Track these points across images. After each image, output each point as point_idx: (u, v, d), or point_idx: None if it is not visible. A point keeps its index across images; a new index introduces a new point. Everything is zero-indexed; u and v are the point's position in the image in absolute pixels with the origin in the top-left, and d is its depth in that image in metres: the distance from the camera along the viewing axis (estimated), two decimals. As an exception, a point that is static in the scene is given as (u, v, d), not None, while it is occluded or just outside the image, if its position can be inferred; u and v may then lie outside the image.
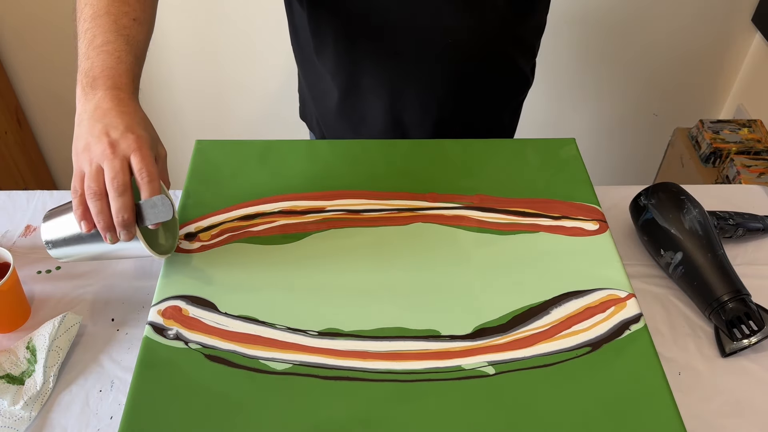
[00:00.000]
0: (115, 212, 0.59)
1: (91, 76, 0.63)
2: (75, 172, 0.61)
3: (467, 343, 0.62)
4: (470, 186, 0.78)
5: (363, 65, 0.88)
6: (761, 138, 1.55)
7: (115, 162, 0.59)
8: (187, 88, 1.75)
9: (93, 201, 0.60)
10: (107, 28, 0.65)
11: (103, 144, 0.60)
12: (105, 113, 0.61)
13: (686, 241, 0.77)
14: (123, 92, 0.63)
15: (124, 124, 0.61)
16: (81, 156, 0.61)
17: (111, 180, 0.59)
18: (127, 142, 0.60)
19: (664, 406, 0.58)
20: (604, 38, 1.64)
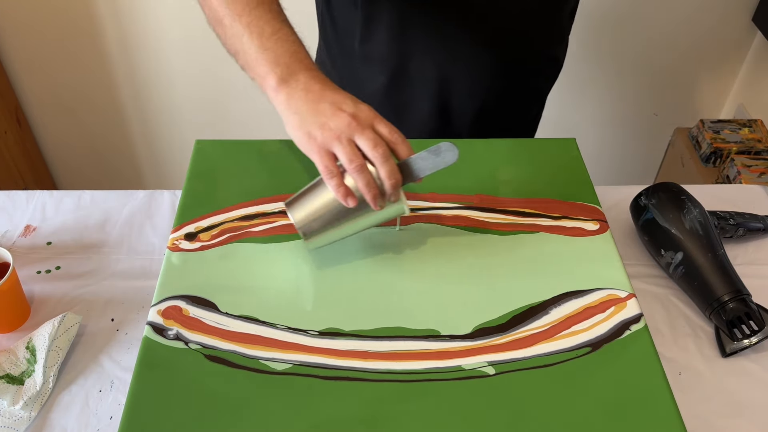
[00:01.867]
0: (387, 177, 0.61)
1: (283, 64, 0.63)
2: (320, 154, 0.61)
3: (467, 342, 0.62)
4: (470, 186, 0.78)
5: (414, 51, 0.88)
6: (762, 138, 1.55)
7: (367, 132, 0.60)
8: (187, 88, 1.75)
9: (360, 174, 0.60)
10: (269, 17, 0.66)
11: (344, 119, 0.60)
12: (321, 93, 0.62)
13: (687, 241, 0.77)
14: (319, 72, 0.65)
15: (348, 97, 0.62)
16: (322, 136, 0.61)
17: (373, 148, 0.60)
18: (364, 113, 0.61)
19: (664, 406, 0.58)
20: (604, 38, 1.64)
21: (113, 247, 0.85)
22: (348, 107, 0.61)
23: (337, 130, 0.60)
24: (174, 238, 0.72)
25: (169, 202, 0.91)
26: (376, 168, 0.61)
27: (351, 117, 0.61)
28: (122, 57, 1.68)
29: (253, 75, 0.66)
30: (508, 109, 0.98)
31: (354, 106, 0.62)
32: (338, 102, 0.62)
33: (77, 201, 0.91)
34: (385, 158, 0.61)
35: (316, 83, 0.63)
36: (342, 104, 0.62)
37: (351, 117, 0.61)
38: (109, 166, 1.94)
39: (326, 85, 0.63)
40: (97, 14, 1.60)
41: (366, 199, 0.62)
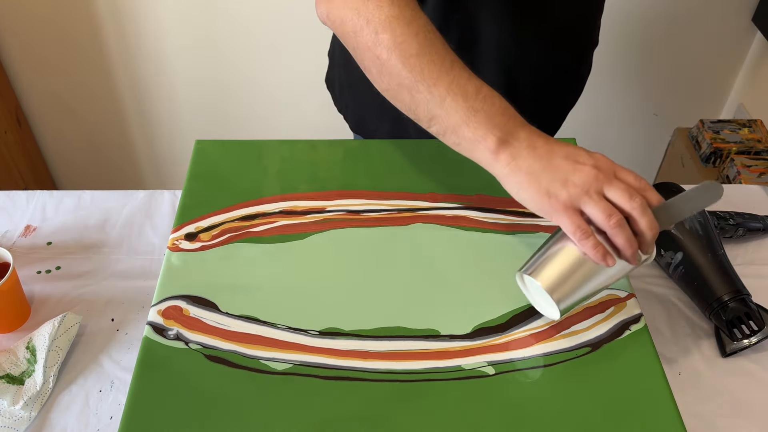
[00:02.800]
0: (648, 228, 0.56)
1: (499, 124, 0.59)
2: (566, 213, 0.56)
3: (467, 342, 0.62)
4: (470, 186, 0.78)
5: (481, 38, 0.85)
6: (761, 138, 1.55)
7: (617, 183, 0.56)
8: (187, 88, 1.75)
9: (622, 230, 0.56)
10: (468, 76, 0.61)
11: (588, 171, 0.56)
12: (549, 148, 0.58)
13: (686, 241, 0.77)
14: (533, 127, 0.61)
15: (579, 148, 0.59)
16: (569, 192, 0.56)
17: (630, 199, 0.56)
18: (605, 163, 0.58)
19: (664, 407, 0.58)
20: (604, 38, 1.64)
21: (113, 247, 0.85)
22: (586, 159, 0.57)
23: (583, 185, 0.56)
24: (174, 238, 0.72)
25: (169, 202, 0.91)
26: (635, 220, 0.56)
27: (594, 168, 0.57)
28: (122, 57, 1.69)
29: (459, 140, 0.61)
30: (557, 96, 0.99)
31: (590, 156, 0.58)
32: (573, 155, 0.58)
33: (77, 201, 0.91)
34: (643, 209, 0.56)
35: (538, 139, 0.59)
36: (578, 156, 0.58)
37: (594, 168, 0.57)
38: (109, 166, 1.94)
39: (549, 140, 0.59)
40: (97, 14, 1.60)
41: (624, 256, 0.57)
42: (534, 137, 0.59)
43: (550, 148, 0.58)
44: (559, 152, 0.58)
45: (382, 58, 0.62)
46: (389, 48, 0.62)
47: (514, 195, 0.60)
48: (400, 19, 0.62)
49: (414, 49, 0.61)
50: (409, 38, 0.61)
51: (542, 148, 0.59)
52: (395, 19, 0.62)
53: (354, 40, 0.65)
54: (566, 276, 0.59)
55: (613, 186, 0.56)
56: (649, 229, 0.56)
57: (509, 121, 0.60)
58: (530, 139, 0.59)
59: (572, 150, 0.58)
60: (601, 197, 0.56)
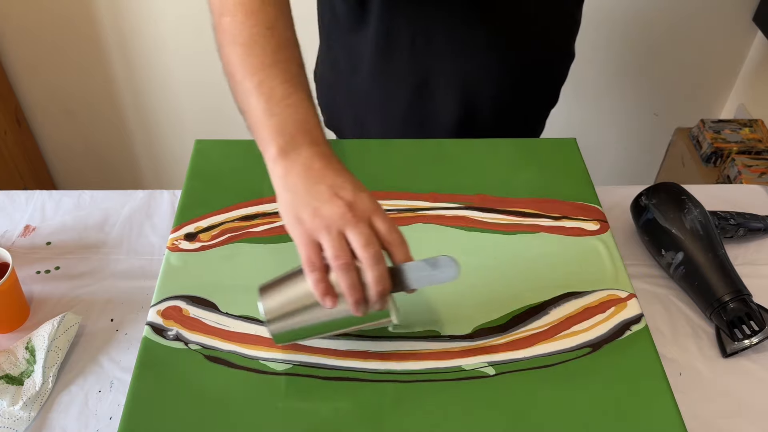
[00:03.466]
0: (373, 283, 0.53)
1: (287, 135, 0.57)
2: (303, 243, 0.54)
3: (467, 343, 0.62)
4: (470, 186, 0.78)
5: (435, 61, 0.86)
6: (762, 138, 1.55)
7: (361, 227, 0.53)
8: (187, 88, 1.75)
9: (345, 274, 0.53)
10: (282, 79, 0.59)
11: (339, 207, 0.53)
12: (322, 173, 0.55)
13: (687, 241, 0.77)
14: (326, 148, 0.58)
15: (350, 182, 0.55)
16: (310, 223, 0.54)
17: (364, 247, 0.52)
18: (363, 203, 0.54)
19: (665, 407, 0.58)
20: (604, 38, 1.64)
21: (113, 247, 0.85)
22: (346, 194, 0.54)
23: (328, 218, 0.53)
24: (174, 238, 0.72)
25: (169, 202, 0.91)
26: (364, 270, 0.53)
27: (347, 206, 0.53)
28: (122, 58, 1.68)
29: (257, 139, 0.60)
30: (526, 104, 0.97)
31: (354, 193, 0.55)
32: (337, 186, 0.55)
33: (77, 201, 0.91)
34: (374, 261, 0.52)
35: (318, 161, 0.56)
36: (341, 190, 0.54)
37: (347, 206, 0.53)
38: (108, 166, 1.94)
39: (329, 164, 0.56)
40: (96, 15, 1.60)
41: (347, 303, 0.54)
42: (315, 158, 0.56)
43: (323, 174, 0.56)
44: (328, 180, 0.55)
45: (218, 42, 0.63)
46: (224, 32, 0.62)
47: (279, 211, 0.57)
48: (245, 6, 0.61)
49: (244, 39, 0.61)
50: (245, 27, 0.61)
51: (316, 170, 0.56)
52: (241, 5, 0.61)
53: (211, 16, 0.66)
54: (287, 304, 0.57)
55: (356, 229, 0.53)
56: (375, 283, 0.53)
57: (299, 134, 0.57)
58: (309, 159, 0.56)
59: (341, 181, 0.55)
60: (341, 236, 0.53)
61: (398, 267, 0.55)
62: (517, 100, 0.94)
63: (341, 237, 0.53)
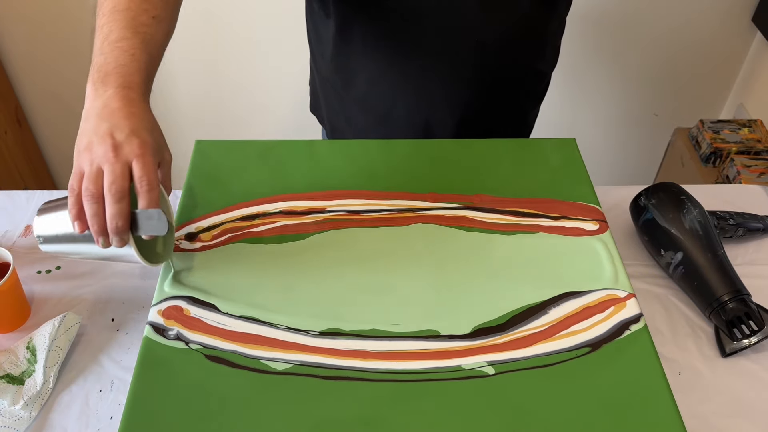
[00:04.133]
0: (110, 218, 0.58)
1: (103, 72, 0.61)
2: (74, 170, 0.59)
3: (466, 342, 0.62)
4: (470, 186, 0.78)
5: (390, 64, 0.88)
6: (761, 138, 1.55)
7: (116, 166, 0.57)
8: (187, 88, 1.75)
9: (89, 203, 0.58)
10: (124, 24, 0.64)
11: (106, 145, 0.58)
12: (112, 113, 0.59)
13: (686, 241, 0.77)
14: (133, 92, 0.61)
15: (130, 126, 0.59)
16: (82, 155, 0.59)
17: (109, 185, 0.57)
18: (130, 146, 0.58)
19: (664, 406, 0.58)
20: (603, 38, 1.64)
21: (113, 247, 0.85)
22: (119, 135, 0.58)
23: (94, 153, 0.58)
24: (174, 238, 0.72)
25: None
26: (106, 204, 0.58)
27: (113, 146, 0.58)
28: (122, 57, 1.68)
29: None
30: (494, 124, 0.97)
31: (126, 136, 0.58)
32: (116, 127, 0.59)
33: (77, 201, 0.91)
34: (115, 198, 0.57)
35: (117, 101, 0.60)
36: (117, 131, 0.58)
37: (113, 146, 0.58)
38: (109, 166, 1.94)
39: (125, 107, 0.60)
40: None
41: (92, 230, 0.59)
42: (115, 98, 0.60)
43: (112, 113, 0.59)
44: (114, 119, 0.59)
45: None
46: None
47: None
48: None
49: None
50: None
51: (109, 109, 0.60)
52: None
53: None
54: (53, 220, 0.64)
55: (111, 168, 0.57)
56: (110, 218, 0.58)
57: (114, 75, 0.61)
58: (111, 98, 0.60)
59: (124, 123, 0.59)
60: (99, 172, 0.58)
61: (134, 212, 0.60)
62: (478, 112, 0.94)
63: (99, 172, 0.58)
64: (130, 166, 0.58)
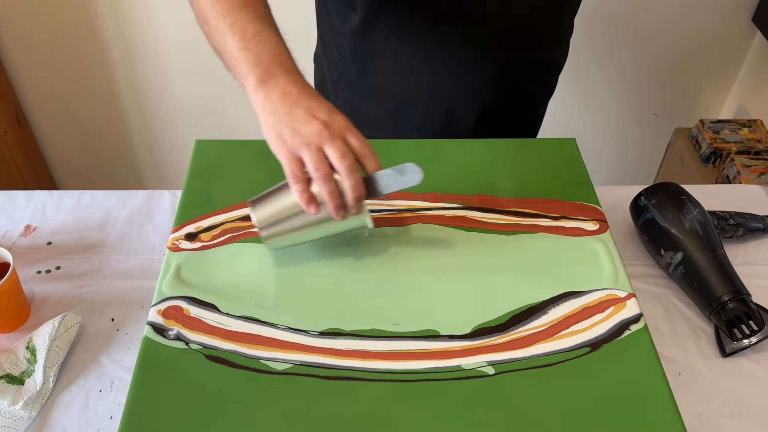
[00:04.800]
0: (351, 188, 0.61)
1: (263, 66, 0.63)
2: (287, 158, 0.61)
3: (466, 342, 0.62)
4: (470, 186, 0.78)
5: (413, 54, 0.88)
6: (761, 138, 1.55)
7: (337, 142, 0.60)
8: (187, 88, 1.75)
9: (325, 183, 0.60)
10: (252, 18, 0.66)
11: (316, 126, 0.60)
12: (298, 98, 0.62)
13: (686, 241, 0.77)
14: (298, 75, 0.64)
15: (325, 105, 0.62)
16: (291, 141, 0.61)
17: (341, 159, 0.60)
18: (338, 122, 0.61)
19: (664, 406, 0.58)
20: (604, 38, 1.64)
21: (113, 247, 0.85)
22: (322, 115, 0.61)
23: (307, 136, 0.60)
24: (174, 238, 0.72)
25: (169, 202, 0.91)
26: (342, 179, 0.61)
27: (323, 125, 0.60)
28: (122, 57, 1.69)
29: (236, 75, 0.67)
30: (509, 114, 0.98)
31: (328, 114, 0.62)
32: (313, 108, 0.62)
33: (77, 201, 0.91)
34: (350, 170, 0.60)
35: (294, 87, 0.63)
36: (317, 111, 0.61)
37: (323, 125, 0.60)
38: (109, 166, 1.94)
39: (304, 90, 0.63)
40: (97, 14, 1.60)
41: (329, 208, 0.62)
42: (290, 85, 0.63)
43: (299, 98, 0.62)
44: (304, 103, 0.62)
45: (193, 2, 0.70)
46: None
47: (262, 133, 0.64)
48: None
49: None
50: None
51: (292, 95, 0.62)
52: None
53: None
54: (278, 215, 0.65)
55: (333, 144, 0.60)
56: (351, 189, 0.61)
57: (274, 65, 0.64)
58: (286, 86, 0.63)
59: (316, 104, 0.62)
60: (319, 150, 0.60)
61: (370, 176, 0.63)
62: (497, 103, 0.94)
63: (320, 151, 0.60)
64: (345, 140, 0.61)
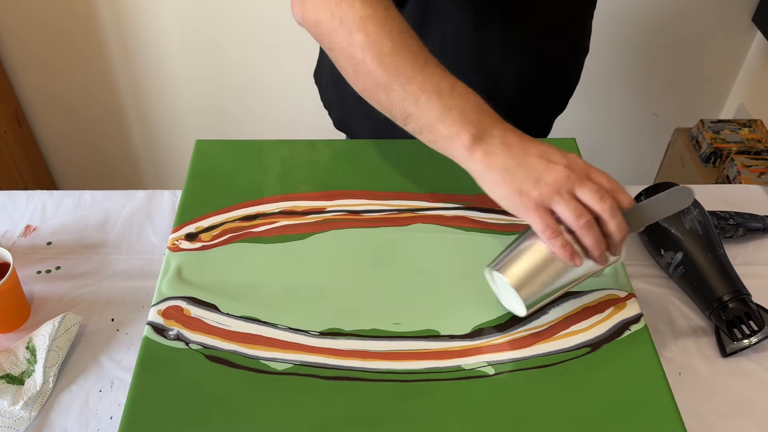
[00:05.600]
0: (617, 230, 0.57)
1: (473, 121, 0.59)
2: (537, 212, 0.56)
3: (466, 342, 0.62)
4: (470, 186, 0.78)
5: (459, 61, 0.85)
6: (761, 138, 1.55)
7: (589, 183, 0.57)
8: (187, 88, 1.75)
9: (591, 231, 0.56)
10: (441, 74, 0.61)
11: (561, 171, 0.57)
12: (522, 146, 0.58)
13: (686, 241, 0.77)
14: (509, 124, 0.60)
15: (553, 147, 0.59)
16: (540, 191, 0.56)
17: (600, 201, 0.56)
18: (578, 163, 0.58)
19: (664, 406, 0.58)
20: (603, 38, 1.64)
21: (113, 247, 0.85)
22: (559, 159, 0.58)
23: (555, 184, 0.56)
24: (174, 239, 0.72)
25: (169, 202, 0.91)
26: (604, 222, 0.57)
27: (566, 168, 0.57)
28: (122, 57, 1.69)
29: (435, 137, 0.61)
30: (541, 102, 0.98)
31: (564, 156, 0.58)
32: (546, 154, 0.58)
33: (77, 201, 0.91)
34: (613, 211, 0.56)
35: (513, 136, 0.59)
36: (551, 156, 0.58)
37: (566, 168, 0.57)
38: (109, 166, 1.94)
39: (524, 138, 0.59)
40: (97, 14, 1.60)
41: (592, 257, 0.58)
42: (508, 135, 0.59)
43: (525, 146, 0.59)
44: (533, 151, 0.58)
45: (356, 58, 0.62)
46: (363, 48, 0.61)
47: (488, 192, 0.60)
48: (373, 18, 0.62)
49: (387, 48, 0.61)
50: (383, 37, 0.61)
51: (516, 145, 0.59)
52: (369, 18, 0.62)
53: (329, 41, 0.65)
54: (533, 274, 0.60)
55: (585, 186, 0.57)
56: (618, 232, 0.57)
57: (484, 117, 0.60)
58: (504, 137, 0.59)
59: (546, 149, 0.59)
60: (572, 197, 0.57)
61: (630, 210, 0.59)
62: (532, 97, 0.93)
63: (574, 198, 0.56)
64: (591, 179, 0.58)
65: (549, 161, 0.57)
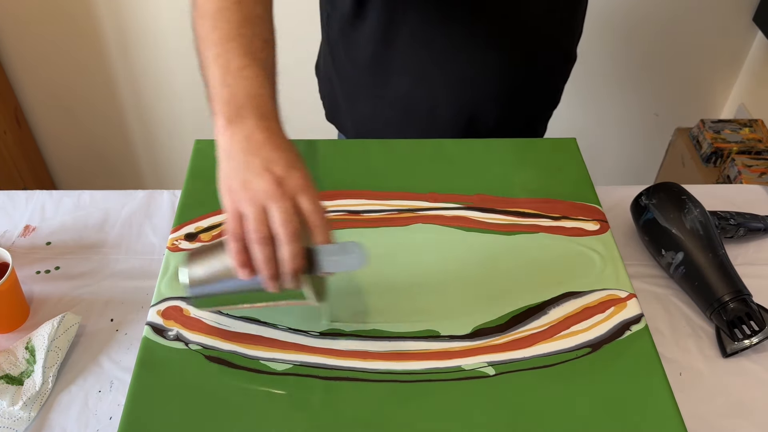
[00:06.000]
0: (287, 260, 0.53)
1: (235, 105, 0.58)
2: (230, 213, 0.55)
3: (466, 343, 0.62)
4: (470, 186, 0.78)
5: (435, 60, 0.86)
6: (762, 138, 1.55)
7: (285, 203, 0.53)
8: (187, 88, 1.75)
9: (261, 247, 0.53)
10: (241, 52, 0.60)
11: (267, 182, 0.54)
12: (260, 146, 0.56)
13: (687, 241, 0.77)
14: (273, 122, 0.58)
15: (285, 158, 0.55)
16: (238, 194, 0.55)
17: (283, 223, 0.53)
18: (293, 180, 0.54)
19: (665, 407, 0.58)
20: (604, 38, 1.64)
21: (112, 247, 0.85)
22: (278, 169, 0.54)
23: (255, 192, 0.54)
24: (174, 239, 0.72)
25: (169, 202, 0.91)
26: (278, 246, 0.54)
27: (275, 181, 0.54)
28: (122, 57, 1.68)
29: (211, 110, 0.61)
30: (528, 105, 0.97)
31: (285, 169, 0.54)
32: (271, 160, 0.55)
33: (77, 201, 0.91)
34: (289, 239, 0.53)
35: (260, 133, 0.56)
36: (273, 164, 0.54)
37: (275, 181, 0.54)
38: (108, 166, 1.94)
39: (271, 138, 0.56)
40: (96, 14, 1.60)
41: (261, 276, 0.55)
42: (257, 130, 0.56)
43: (261, 147, 0.56)
44: (264, 153, 0.55)
45: (191, 17, 0.65)
46: (194, 6, 0.64)
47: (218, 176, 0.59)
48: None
49: (208, 12, 0.62)
50: (213, 2, 0.62)
51: (255, 142, 0.56)
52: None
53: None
54: (209, 272, 0.59)
55: (279, 206, 0.53)
56: (288, 260, 0.53)
57: (248, 106, 0.58)
58: (252, 131, 0.56)
59: (278, 157, 0.55)
60: (263, 211, 0.54)
61: (313, 248, 0.55)
62: (519, 100, 0.94)
63: (263, 211, 0.54)
64: (295, 202, 0.54)
65: (267, 169, 0.54)
